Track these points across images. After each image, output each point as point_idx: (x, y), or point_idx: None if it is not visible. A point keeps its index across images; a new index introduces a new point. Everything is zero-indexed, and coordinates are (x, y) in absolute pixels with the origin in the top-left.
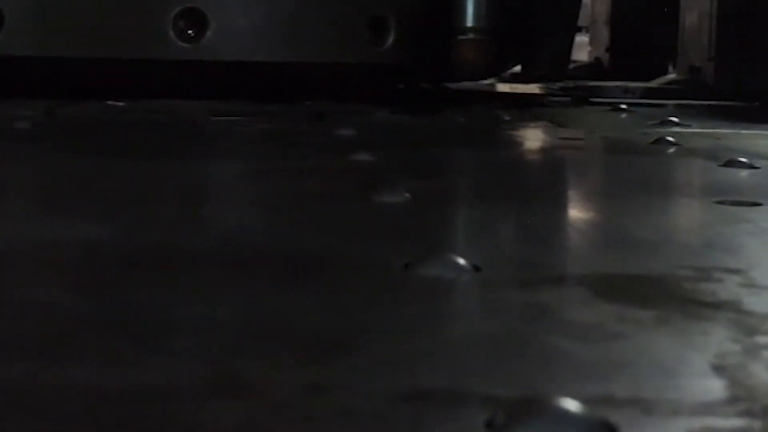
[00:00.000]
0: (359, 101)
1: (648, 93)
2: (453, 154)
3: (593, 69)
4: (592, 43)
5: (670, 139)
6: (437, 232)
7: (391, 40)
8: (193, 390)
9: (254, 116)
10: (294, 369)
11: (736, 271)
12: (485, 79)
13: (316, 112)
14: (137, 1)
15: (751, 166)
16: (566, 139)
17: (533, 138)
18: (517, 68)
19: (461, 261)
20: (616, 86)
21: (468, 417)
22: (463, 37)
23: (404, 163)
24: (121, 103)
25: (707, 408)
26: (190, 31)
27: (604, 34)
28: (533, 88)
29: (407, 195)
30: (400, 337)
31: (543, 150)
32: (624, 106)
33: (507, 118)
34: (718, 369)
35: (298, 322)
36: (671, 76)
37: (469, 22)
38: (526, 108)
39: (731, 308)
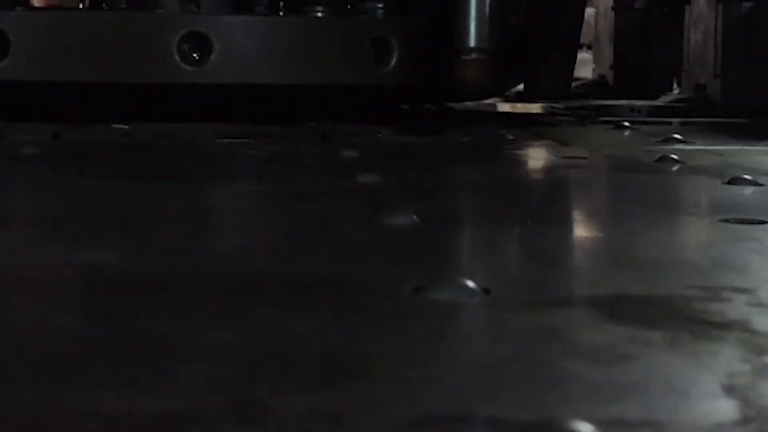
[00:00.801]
0: (363, 122)
1: (654, 111)
2: (459, 174)
3: (597, 86)
4: (596, 60)
5: (674, 156)
6: (446, 255)
7: (394, 61)
8: (210, 415)
9: (259, 138)
10: (307, 394)
11: (743, 291)
12: (488, 98)
13: (320, 133)
14: (142, 25)
15: (755, 183)
16: (570, 158)
17: (537, 157)
18: (520, 87)
19: (471, 284)
20: (622, 105)
21: None
22: (466, 57)
23: (410, 185)
24: (126, 127)
25: (719, 429)
26: (194, 55)
27: (608, 51)
28: (537, 108)
29: (415, 217)
30: (411, 362)
31: (547, 169)
32: (627, 124)
33: (510, 137)
34: (729, 389)
35: (309, 347)
36: (677, 93)
37: (472, 42)
38: (528, 127)
39: (740, 328)
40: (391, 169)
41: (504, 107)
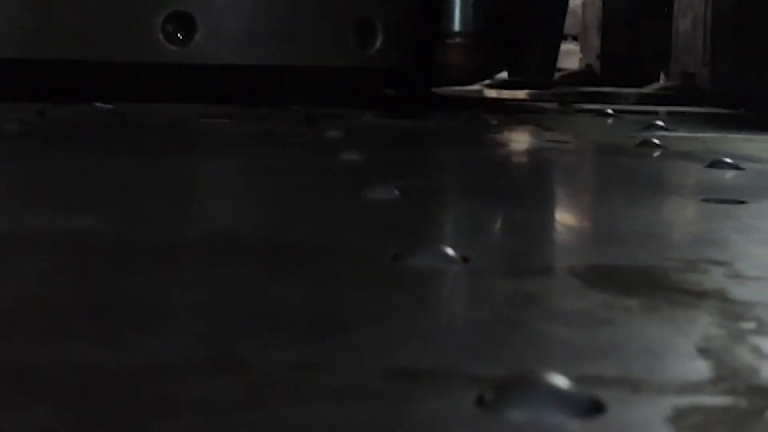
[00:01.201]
0: (347, 105)
1: (642, 99)
2: (441, 155)
3: (585, 76)
4: (583, 50)
5: (656, 141)
6: (426, 226)
7: (378, 43)
8: (187, 368)
9: (242, 119)
10: (286, 348)
11: (721, 263)
12: (473, 83)
13: (304, 114)
14: (126, 4)
15: (736, 167)
16: (553, 141)
17: (520, 140)
18: (504, 74)
19: (450, 252)
20: (610, 92)
21: (458, 394)
22: (451, 42)
23: (393, 163)
24: (109, 106)
25: (693, 387)
26: (178, 34)
27: (595, 41)
28: (522, 95)
29: (396, 192)
30: (390, 321)
31: (530, 151)
32: (611, 112)
33: (494, 122)
34: (704, 352)
35: (289, 306)
36: (664, 82)
37: (457, 26)
38: (512, 113)
39: (717, 297)
40: (373, 148)
41: (490, 93)
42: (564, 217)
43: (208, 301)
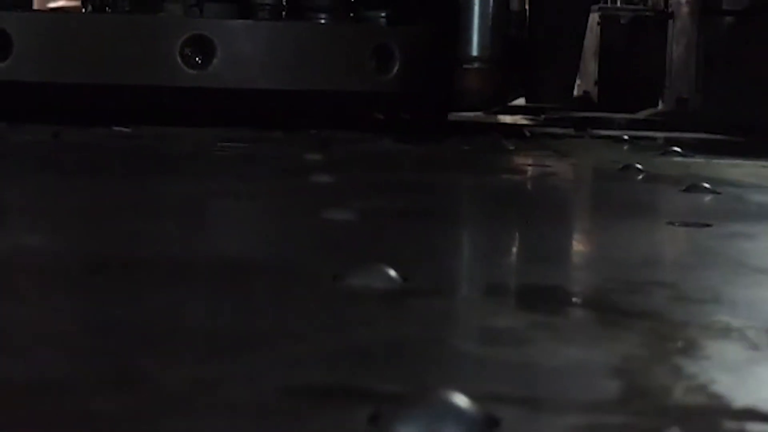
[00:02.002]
0: (364, 130)
1: (634, 124)
2: (438, 178)
3: (582, 102)
4: (580, 76)
5: (639, 166)
6: (378, 247)
7: (395, 69)
8: (86, 383)
9: (259, 143)
10: (190, 365)
11: (667, 285)
12: (490, 109)
13: (321, 139)
14: (145, 29)
15: (713, 192)
16: (542, 165)
17: (527, 165)
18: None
19: (390, 272)
20: (602, 117)
21: (352, 411)
22: (468, 66)
23: (375, 186)
24: (127, 129)
25: (597, 406)
26: (197, 58)
27: (593, 67)
28: (518, 119)
29: (355, 214)
30: (306, 340)
31: (527, 176)
32: (626, 138)
33: (511, 147)
34: (620, 372)
35: (210, 324)
36: (658, 108)
37: (474, 51)
38: (529, 138)
39: (652, 317)
40: (362, 172)
41: (505, 118)
42: (521, 239)
43: (130, 319)
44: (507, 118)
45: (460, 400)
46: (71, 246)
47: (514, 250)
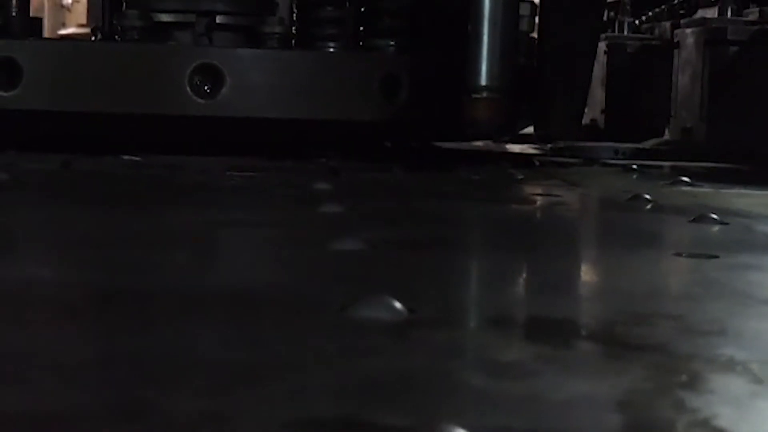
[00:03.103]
0: (373, 158)
1: (639, 154)
2: (445, 207)
3: (589, 131)
4: (587, 105)
5: (647, 196)
6: (384, 278)
7: (403, 97)
8: (93, 414)
9: (269, 172)
10: (199, 398)
11: (672, 317)
12: (499, 138)
13: (330, 168)
14: (154, 57)
15: (721, 223)
16: (553, 195)
17: (536, 195)
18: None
19: (396, 304)
20: (607, 146)
21: None
22: (477, 96)
23: (384, 215)
24: (136, 158)
25: None
26: (206, 87)
27: (600, 96)
28: (526, 148)
29: (365, 245)
30: (312, 372)
31: (536, 206)
32: (635, 167)
33: (520, 176)
34: (623, 405)
35: (217, 356)
36: (664, 137)
37: (483, 81)
38: (538, 167)
39: (657, 350)
40: (372, 201)
41: (513, 148)
42: (528, 271)
43: (139, 351)
44: (515, 147)
45: None
46: (80, 276)
47: (522, 281)
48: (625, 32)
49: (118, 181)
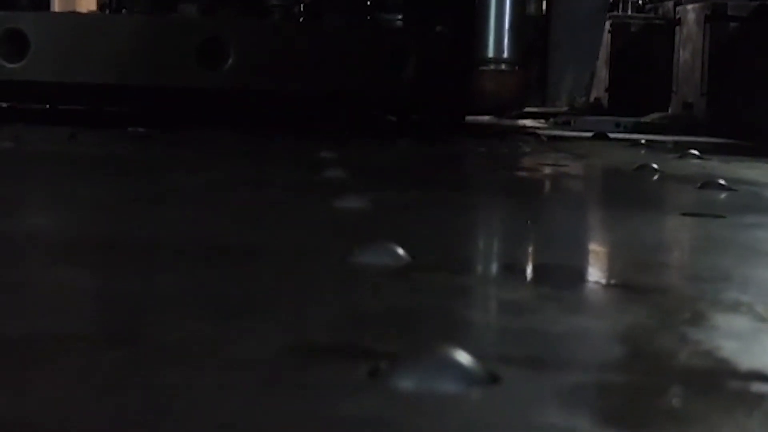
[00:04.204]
0: (379, 131)
1: (640, 127)
2: (448, 174)
3: (593, 109)
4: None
5: (655, 166)
6: (386, 230)
7: (411, 71)
8: (88, 339)
9: (275, 142)
10: (193, 326)
11: (678, 266)
12: (506, 111)
13: (336, 140)
14: (160, 30)
15: (729, 189)
16: (561, 165)
17: (540, 164)
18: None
19: (398, 250)
20: (608, 120)
21: (353, 366)
22: (485, 68)
23: (389, 182)
24: (142, 130)
25: (602, 367)
26: (212, 60)
27: (604, 74)
28: (530, 123)
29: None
30: (312, 307)
31: (543, 174)
32: (643, 142)
33: (527, 149)
34: (625, 338)
35: (216, 293)
36: (666, 113)
37: (491, 53)
38: (546, 141)
39: (660, 294)
40: (403, 170)
41: (523, 122)
42: (534, 226)
43: (151, 290)
44: (520, 122)
45: (460, 356)
46: (83, 228)
47: (527, 235)
48: (629, 12)
49: (125, 151)
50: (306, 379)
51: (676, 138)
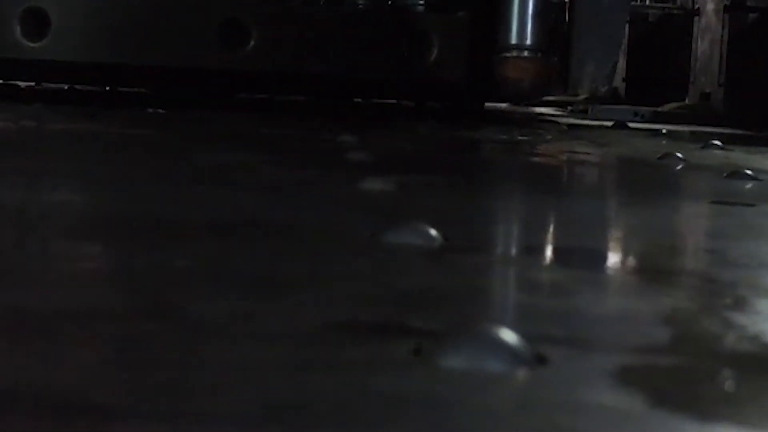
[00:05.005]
0: (398, 116)
1: (657, 116)
2: (469, 157)
3: (611, 98)
4: None
5: (679, 155)
6: (415, 210)
7: (433, 56)
8: (121, 314)
9: (295, 124)
10: (229, 301)
11: (712, 251)
12: (528, 99)
13: (355, 123)
14: (181, 10)
15: (755, 179)
16: (584, 153)
17: (560, 152)
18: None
19: (430, 231)
20: (626, 109)
21: (395, 344)
22: (508, 55)
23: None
24: (161, 111)
25: (649, 349)
26: (232, 41)
27: (621, 64)
28: (550, 111)
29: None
30: (346, 285)
31: (556, 160)
32: (664, 132)
33: (548, 137)
34: (669, 321)
35: (249, 270)
36: (683, 102)
37: (514, 39)
38: (567, 130)
39: (699, 278)
40: (424, 154)
41: (537, 110)
42: (564, 210)
43: (183, 265)
44: (537, 110)
45: (506, 335)
46: (111, 204)
47: (559, 219)
48: (647, 2)
49: (146, 131)
50: (350, 356)
51: (693, 128)
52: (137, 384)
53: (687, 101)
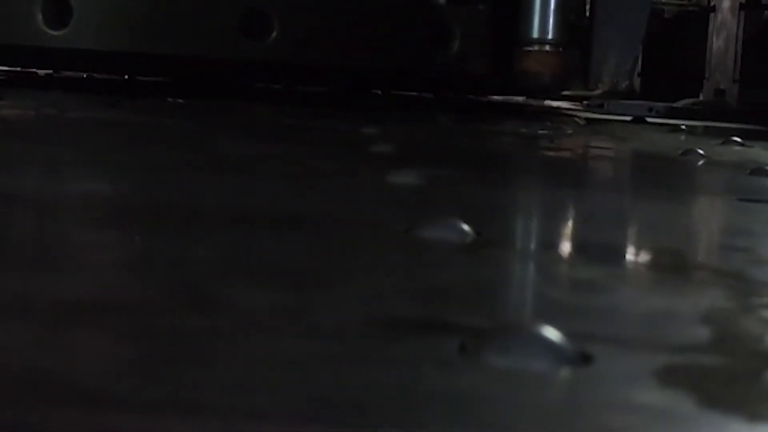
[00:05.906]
0: (418, 109)
1: (672, 112)
2: (493, 150)
3: (626, 93)
4: None
5: (701, 151)
6: (446, 205)
7: (455, 49)
8: (163, 306)
9: (317, 115)
10: (270, 294)
11: (743, 249)
12: (549, 93)
13: (376, 116)
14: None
15: None
16: (605, 148)
17: (580, 146)
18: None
19: (463, 226)
20: (641, 104)
21: (440, 340)
22: (529, 49)
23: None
24: (181, 101)
25: (690, 348)
26: (255, 31)
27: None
28: (562, 105)
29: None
30: (385, 280)
31: (579, 154)
32: (684, 127)
33: (569, 131)
34: (708, 320)
35: (292, 263)
36: (698, 99)
37: (535, 33)
38: (587, 124)
39: (733, 276)
40: (447, 147)
41: (554, 104)
42: (594, 206)
43: (221, 255)
44: (554, 104)
45: (551, 333)
46: (145, 195)
47: (588, 213)
48: None
49: (167, 120)
50: (395, 352)
51: (709, 124)
52: (182, 380)
53: (701, 97)
